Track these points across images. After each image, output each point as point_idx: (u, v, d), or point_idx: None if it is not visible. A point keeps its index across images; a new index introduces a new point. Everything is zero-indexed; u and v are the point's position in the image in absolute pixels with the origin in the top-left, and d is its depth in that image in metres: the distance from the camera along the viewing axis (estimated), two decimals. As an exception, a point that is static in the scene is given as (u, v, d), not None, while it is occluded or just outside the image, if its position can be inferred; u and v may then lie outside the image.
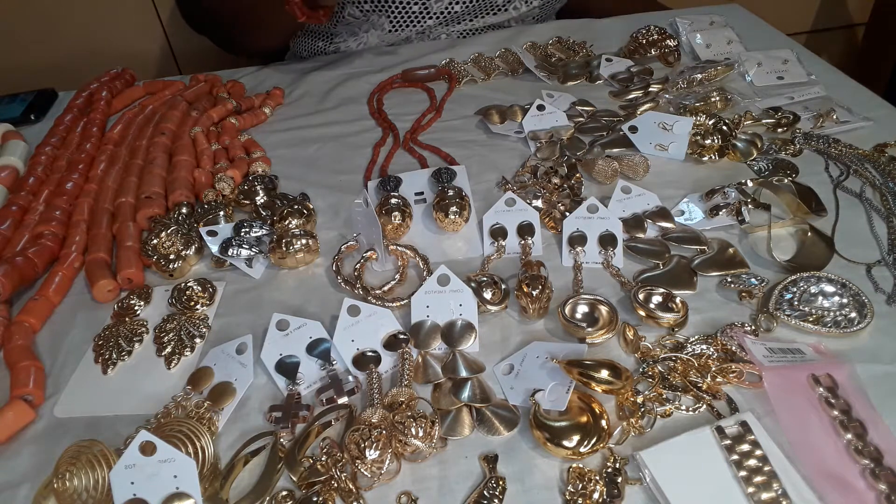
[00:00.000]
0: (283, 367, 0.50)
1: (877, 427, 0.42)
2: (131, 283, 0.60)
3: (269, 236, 0.62)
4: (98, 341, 0.55)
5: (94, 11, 1.20)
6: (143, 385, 0.51)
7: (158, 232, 0.62)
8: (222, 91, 0.91)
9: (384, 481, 0.43)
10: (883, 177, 0.65)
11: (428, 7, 0.95)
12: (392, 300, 0.56)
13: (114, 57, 1.03)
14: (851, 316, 0.50)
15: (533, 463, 0.43)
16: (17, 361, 0.52)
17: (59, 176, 0.74)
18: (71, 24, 1.22)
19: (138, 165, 0.74)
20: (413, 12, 0.96)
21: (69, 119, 0.86)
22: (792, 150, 0.69)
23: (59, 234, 0.65)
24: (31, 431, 0.48)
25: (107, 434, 0.47)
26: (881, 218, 0.60)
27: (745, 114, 0.74)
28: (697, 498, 0.39)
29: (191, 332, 0.55)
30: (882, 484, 0.39)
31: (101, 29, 1.23)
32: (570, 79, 0.87)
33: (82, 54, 1.25)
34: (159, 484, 0.41)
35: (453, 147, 0.76)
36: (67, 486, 0.42)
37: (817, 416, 0.43)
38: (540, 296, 0.52)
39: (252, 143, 0.79)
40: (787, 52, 0.87)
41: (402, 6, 0.95)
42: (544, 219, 0.63)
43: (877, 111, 0.75)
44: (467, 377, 0.48)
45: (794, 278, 0.53)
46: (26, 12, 1.19)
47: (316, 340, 0.52)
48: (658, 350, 0.49)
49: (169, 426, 0.45)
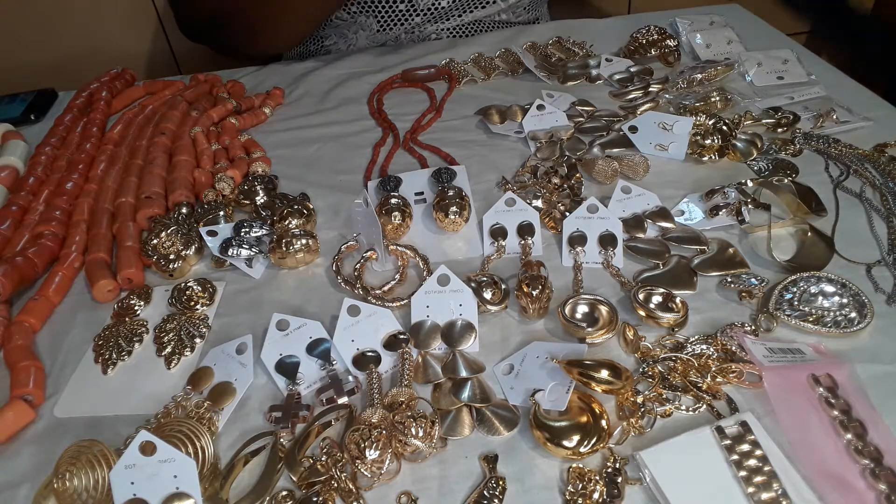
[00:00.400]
0: (283, 367, 0.50)
1: (877, 427, 0.42)
2: (131, 283, 0.60)
3: (269, 236, 0.62)
4: (98, 341, 0.55)
5: (94, 11, 1.19)
6: (143, 385, 0.51)
7: (158, 232, 0.62)
8: (222, 91, 0.91)
9: (384, 481, 0.43)
10: (883, 177, 0.65)
11: (415, 4, 0.95)
12: (392, 300, 0.56)
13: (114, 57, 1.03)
14: (851, 316, 0.50)
15: (533, 463, 0.43)
16: (17, 361, 0.52)
17: (59, 176, 0.74)
18: (71, 24, 1.22)
19: (138, 165, 0.74)
20: (400, 10, 0.96)
21: (69, 119, 0.86)
22: (792, 150, 0.69)
23: (59, 234, 0.65)
24: (31, 431, 0.48)
25: (107, 434, 0.47)
26: (881, 218, 0.60)
27: (745, 114, 0.74)
28: (697, 498, 0.39)
29: (191, 332, 0.55)
30: (882, 484, 0.39)
31: (101, 29, 1.23)
32: (569, 79, 0.87)
33: (82, 54, 1.25)
34: (159, 484, 0.41)
35: (453, 147, 0.76)
36: (67, 486, 0.42)
37: (817, 416, 0.43)
38: (540, 296, 0.52)
39: (252, 143, 0.79)
40: (787, 52, 0.87)
41: (388, 5, 0.95)
42: (544, 219, 0.63)
43: (877, 111, 0.75)
44: (467, 377, 0.48)
45: (794, 278, 0.53)
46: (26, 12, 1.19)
47: (316, 340, 0.52)
48: (658, 350, 0.49)
49: (169, 426, 0.45)
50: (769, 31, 0.98)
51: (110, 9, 1.23)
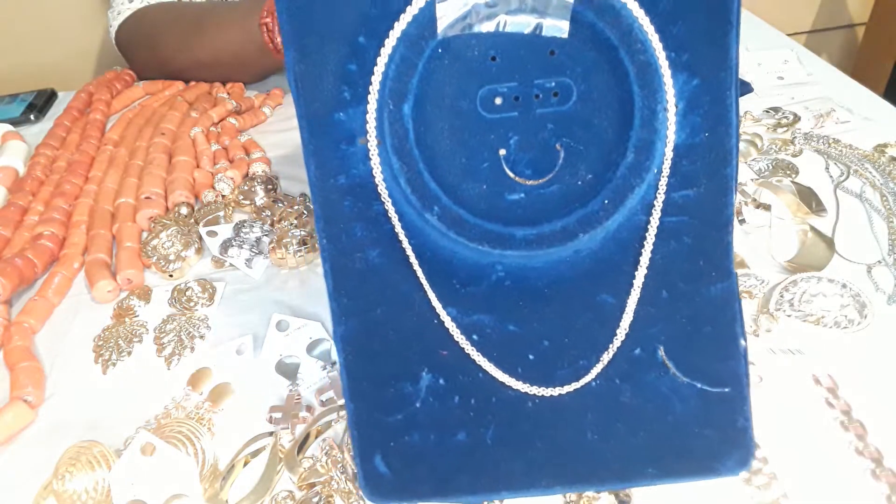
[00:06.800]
0: (283, 368, 0.50)
1: (877, 427, 0.42)
2: (131, 284, 0.60)
3: (268, 236, 0.62)
4: (98, 342, 0.55)
5: (94, 11, 1.19)
6: (143, 385, 0.51)
7: (158, 232, 0.62)
8: (222, 91, 0.91)
9: (384, 482, 0.43)
10: (883, 177, 0.65)
11: None
12: (392, 300, 0.56)
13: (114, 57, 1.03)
14: (851, 316, 0.50)
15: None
16: (17, 362, 0.52)
17: (59, 176, 0.74)
18: (71, 24, 1.22)
19: (138, 166, 0.74)
20: None
21: (69, 119, 0.86)
22: (792, 151, 0.69)
23: (59, 235, 0.65)
24: (30, 432, 0.48)
25: (107, 434, 0.47)
26: (881, 218, 0.60)
27: (745, 114, 0.74)
28: (698, 498, 0.39)
29: (191, 333, 0.55)
30: (882, 484, 0.39)
31: (101, 29, 1.23)
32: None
33: (82, 54, 1.25)
34: (159, 484, 0.41)
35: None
36: (67, 487, 0.42)
37: (817, 416, 0.43)
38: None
39: (252, 144, 0.79)
40: (787, 52, 0.87)
41: None
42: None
43: (877, 111, 0.75)
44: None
45: (794, 278, 0.53)
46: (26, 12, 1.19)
47: (316, 341, 0.52)
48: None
49: (169, 427, 0.45)
50: (769, 31, 0.98)
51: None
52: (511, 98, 0.34)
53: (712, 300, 0.36)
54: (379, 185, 0.35)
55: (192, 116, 0.83)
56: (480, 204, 0.35)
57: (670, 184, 0.35)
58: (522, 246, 0.35)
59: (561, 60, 0.33)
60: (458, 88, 0.34)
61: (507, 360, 0.37)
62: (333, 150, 0.35)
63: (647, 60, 0.33)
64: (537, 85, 0.33)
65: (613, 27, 0.32)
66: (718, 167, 0.35)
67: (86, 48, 1.25)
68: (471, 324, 0.37)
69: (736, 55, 0.33)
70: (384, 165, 0.34)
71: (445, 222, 0.35)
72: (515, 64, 0.33)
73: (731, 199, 0.35)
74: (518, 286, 0.37)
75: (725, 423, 0.37)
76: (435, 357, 0.37)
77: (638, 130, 0.33)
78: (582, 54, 0.33)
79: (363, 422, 0.38)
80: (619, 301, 0.36)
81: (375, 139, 0.34)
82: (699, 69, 0.33)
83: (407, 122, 0.34)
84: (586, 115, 0.34)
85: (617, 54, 0.33)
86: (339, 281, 0.37)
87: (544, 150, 0.34)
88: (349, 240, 0.36)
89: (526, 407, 0.37)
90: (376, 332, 0.38)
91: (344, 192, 0.35)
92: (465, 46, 0.33)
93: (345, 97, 0.34)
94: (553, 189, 0.35)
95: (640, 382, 0.37)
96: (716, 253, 0.36)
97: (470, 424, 0.37)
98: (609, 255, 0.36)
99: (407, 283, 0.37)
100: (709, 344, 0.37)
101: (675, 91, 0.33)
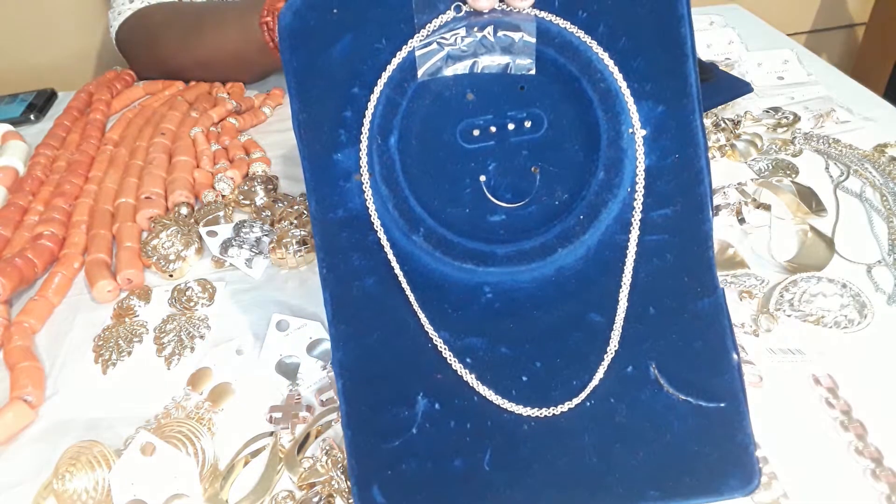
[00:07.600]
0: (283, 368, 0.50)
1: (877, 427, 0.42)
2: (131, 284, 0.60)
3: (268, 237, 0.62)
4: (98, 342, 0.55)
5: (94, 11, 1.19)
6: (143, 385, 0.51)
7: (158, 232, 0.62)
8: (222, 91, 0.91)
9: (384, 482, 0.43)
10: (883, 177, 0.65)
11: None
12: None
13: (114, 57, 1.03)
14: (851, 316, 0.50)
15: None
16: (17, 362, 0.52)
17: (59, 176, 0.74)
18: (71, 24, 1.22)
19: (138, 166, 0.74)
20: None
21: (69, 119, 0.86)
22: (792, 151, 0.69)
23: (59, 235, 0.65)
24: (30, 432, 0.48)
25: (107, 434, 0.47)
26: (881, 218, 0.60)
27: (745, 114, 0.74)
28: (698, 498, 0.39)
29: (191, 333, 0.55)
30: (882, 484, 0.39)
31: (100, 29, 1.23)
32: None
33: (82, 54, 1.25)
34: (159, 484, 0.41)
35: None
36: (67, 487, 0.42)
37: (817, 416, 0.43)
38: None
39: (252, 144, 0.79)
40: (787, 52, 0.87)
41: None
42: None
43: (877, 111, 0.75)
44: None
45: (794, 278, 0.53)
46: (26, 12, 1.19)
47: (316, 340, 0.52)
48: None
49: (169, 427, 0.45)
50: (769, 31, 0.98)
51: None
52: (488, 129, 0.37)
53: (700, 315, 0.37)
54: (372, 215, 0.37)
55: (192, 116, 0.83)
56: (464, 226, 0.37)
57: (648, 203, 0.36)
58: (504, 262, 0.37)
59: (530, 94, 0.36)
60: (440, 123, 0.37)
61: (500, 382, 0.38)
62: (332, 186, 0.38)
63: (607, 88, 0.35)
64: (511, 116, 0.36)
65: (574, 61, 0.35)
66: (692, 186, 0.37)
67: (86, 48, 1.25)
68: (463, 347, 0.38)
69: (696, 82, 0.36)
70: (375, 195, 0.37)
71: (431, 242, 0.37)
72: (490, 99, 0.36)
73: (708, 215, 0.37)
74: (507, 308, 0.38)
75: (724, 439, 0.37)
76: (430, 381, 0.38)
77: (606, 150, 0.36)
78: (548, 87, 0.36)
79: (360, 451, 0.39)
80: (608, 319, 0.37)
81: (367, 172, 0.37)
82: (662, 97, 0.36)
83: (393, 154, 0.37)
84: (558, 141, 0.36)
85: (580, 84, 0.35)
86: (338, 308, 0.39)
87: (521, 175, 0.37)
88: (347, 269, 0.38)
89: (522, 430, 0.38)
90: (373, 357, 0.39)
91: (342, 225, 0.38)
92: (444, 86, 0.36)
93: (341, 140, 0.37)
94: (532, 209, 0.37)
95: (636, 401, 0.37)
96: (699, 268, 0.37)
97: (466, 449, 0.38)
98: (594, 275, 0.37)
99: (401, 309, 0.38)
100: (700, 359, 0.37)
101: (640, 117, 0.36)
